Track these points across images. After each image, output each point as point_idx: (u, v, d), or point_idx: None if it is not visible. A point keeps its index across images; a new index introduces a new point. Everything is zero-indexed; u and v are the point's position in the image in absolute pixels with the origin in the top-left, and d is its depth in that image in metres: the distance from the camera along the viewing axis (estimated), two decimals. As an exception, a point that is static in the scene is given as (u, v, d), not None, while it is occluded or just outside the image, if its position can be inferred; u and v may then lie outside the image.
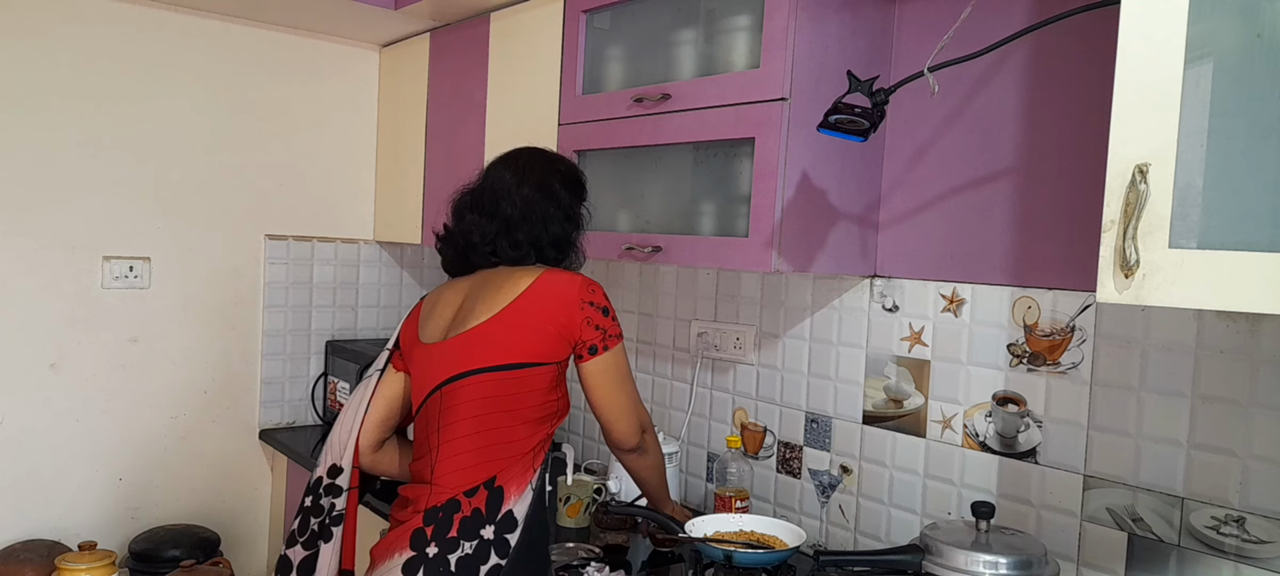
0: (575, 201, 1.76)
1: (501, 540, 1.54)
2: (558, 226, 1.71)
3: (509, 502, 1.56)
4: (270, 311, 3.00)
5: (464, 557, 1.51)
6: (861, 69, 1.76)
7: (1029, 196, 1.68)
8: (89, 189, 2.64)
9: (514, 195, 1.69)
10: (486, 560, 1.52)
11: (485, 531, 1.54)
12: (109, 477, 2.73)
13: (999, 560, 1.43)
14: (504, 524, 1.55)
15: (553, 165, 1.76)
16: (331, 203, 3.10)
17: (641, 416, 1.73)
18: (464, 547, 1.51)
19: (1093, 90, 1.58)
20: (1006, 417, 1.71)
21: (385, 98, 3.13)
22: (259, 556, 3.06)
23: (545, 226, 1.69)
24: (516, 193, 1.69)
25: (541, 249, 1.70)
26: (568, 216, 1.73)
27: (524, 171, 1.73)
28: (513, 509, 1.56)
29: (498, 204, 1.69)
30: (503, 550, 1.54)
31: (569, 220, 1.74)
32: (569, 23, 2.21)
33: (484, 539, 1.53)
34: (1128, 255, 1.03)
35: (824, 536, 2.04)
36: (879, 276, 1.93)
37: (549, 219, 1.70)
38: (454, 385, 1.60)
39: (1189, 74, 1.02)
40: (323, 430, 3.04)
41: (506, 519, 1.55)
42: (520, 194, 1.69)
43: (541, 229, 1.69)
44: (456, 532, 1.53)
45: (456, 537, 1.52)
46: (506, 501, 1.56)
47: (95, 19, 2.62)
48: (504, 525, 1.55)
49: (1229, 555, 1.42)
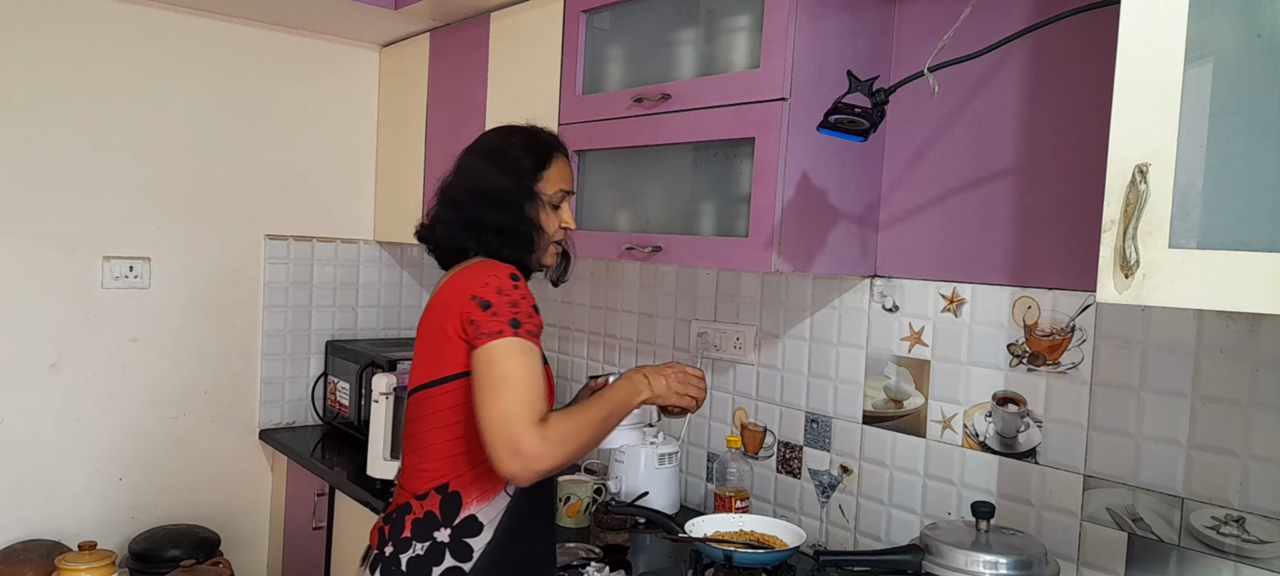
0: (532, 167, 1.55)
1: (461, 543, 1.48)
2: (502, 194, 1.53)
3: (469, 507, 1.49)
4: (270, 311, 3.00)
5: (415, 558, 1.47)
6: (861, 69, 1.76)
7: (1029, 196, 1.68)
8: (89, 189, 2.64)
9: (462, 166, 1.58)
10: (440, 561, 1.47)
11: (439, 533, 1.48)
12: (109, 477, 2.73)
13: (999, 560, 1.43)
14: (464, 527, 1.48)
15: (512, 130, 1.62)
16: (331, 203, 3.10)
17: (515, 430, 1.34)
18: (416, 548, 1.48)
19: (1093, 90, 1.58)
20: (1006, 417, 1.71)
21: (385, 98, 3.13)
22: (259, 556, 3.06)
23: (485, 198, 1.53)
24: (463, 161, 1.58)
25: (481, 230, 1.53)
26: (514, 183, 1.54)
27: (480, 139, 1.62)
28: (476, 513, 1.49)
29: (449, 184, 1.59)
30: (463, 553, 1.48)
31: (515, 189, 1.54)
32: (569, 23, 2.21)
33: (437, 541, 1.47)
34: (1128, 255, 1.03)
35: (824, 536, 2.04)
36: (879, 276, 1.93)
37: (490, 189, 1.53)
38: (409, 397, 1.57)
39: (1189, 74, 1.01)
40: (323, 430, 3.04)
41: (467, 523, 1.48)
42: (464, 161, 1.58)
43: (480, 204, 1.53)
44: (409, 533, 1.49)
45: (409, 538, 1.49)
46: (466, 506, 1.49)
47: (95, 19, 2.62)
48: (464, 529, 1.48)
49: (1229, 555, 1.42)
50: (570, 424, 1.40)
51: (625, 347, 2.58)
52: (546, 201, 1.57)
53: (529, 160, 1.56)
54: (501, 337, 1.38)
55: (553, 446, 1.35)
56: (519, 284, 1.45)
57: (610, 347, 2.62)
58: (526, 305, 1.43)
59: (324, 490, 2.67)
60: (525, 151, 1.57)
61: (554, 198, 1.58)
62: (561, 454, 1.37)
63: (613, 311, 2.62)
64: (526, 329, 1.41)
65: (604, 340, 2.64)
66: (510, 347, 1.38)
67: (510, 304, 1.41)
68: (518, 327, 1.39)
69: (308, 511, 2.75)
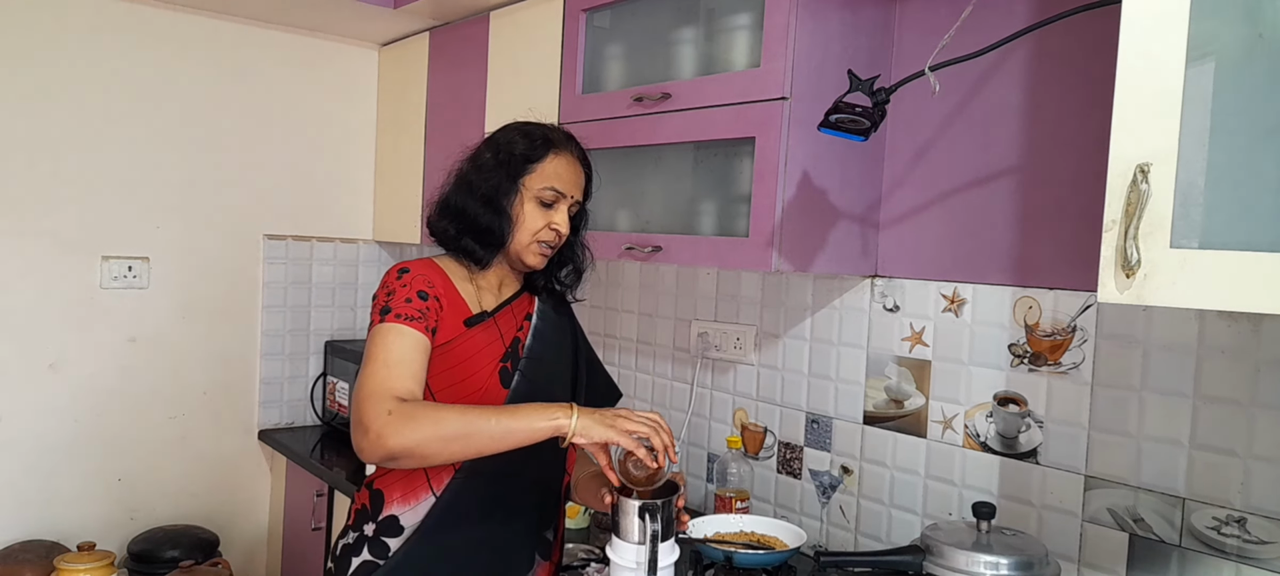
0: (521, 156, 1.50)
1: (379, 542, 1.49)
2: (475, 177, 1.50)
3: (391, 507, 1.50)
4: (269, 311, 3.00)
5: (345, 544, 1.53)
6: (862, 68, 1.75)
7: (1030, 196, 1.68)
8: (88, 189, 2.64)
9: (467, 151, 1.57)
10: (359, 553, 1.50)
11: (367, 527, 1.51)
12: (108, 478, 2.73)
13: (1000, 561, 1.43)
14: (385, 526, 1.50)
15: (525, 121, 1.59)
16: (331, 202, 3.10)
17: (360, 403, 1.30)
18: (350, 535, 1.53)
19: (1094, 89, 1.58)
20: (1007, 418, 1.71)
21: (385, 97, 3.12)
22: (258, 557, 3.06)
23: (460, 180, 1.53)
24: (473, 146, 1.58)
25: (446, 213, 1.53)
26: (492, 167, 1.50)
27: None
28: (398, 514, 1.49)
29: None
30: (379, 550, 1.49)
31: (492, 174, 1.49)
32: (569, 22, 2.20)
33: (364, 533, 1.51)
34: (1129, 255, 1.03)
35: (824, 537, 2.04)
36: (880, 276, 1.93)
37: (468, 170, 1.52)
38: None
39: (1190, 73, 1.01)
40: (322, 430, 3.04)
41: (388, 522, 1.50)
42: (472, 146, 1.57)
43: (455, 187, 1.53)
44: (351, 520, 1.55)
45: (348, 526, 1.55)
46: (388, 505, 1.50)
47: (95, 18, 2.62)
48: (385, 527, 1.50)
49: (1230, 555, 1.41)
50: (426, 409, 1.30)
51: (625, 347, 2.57)
52: (530, 195, 1.49)
53: (520, 147, 1.50)
54: (371, 327, 1.40)
55: (398, 422, 1.26)
56: (405, 279, 1.43)
57: (610, 347, 2.62)
58: (403, 293, 1.41)
59: (323, 490, 2.67)
60: (521, 136, 1.52)
61: (542, 194, 1.49)
62: (408, 434, 1.26)
63: (613, 311, 2.62)
64: (396, 312, 1.39)
65: (604, 340, 2.64)
66: (374, 334, 1.38)
67: (386, 293, 1.42)
68: (386, 314, 1.39)
69: (307, 511, 2.74)
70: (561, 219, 1.52)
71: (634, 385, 2.54)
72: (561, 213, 1.52)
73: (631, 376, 2.55)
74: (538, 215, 1.50)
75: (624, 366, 2.57)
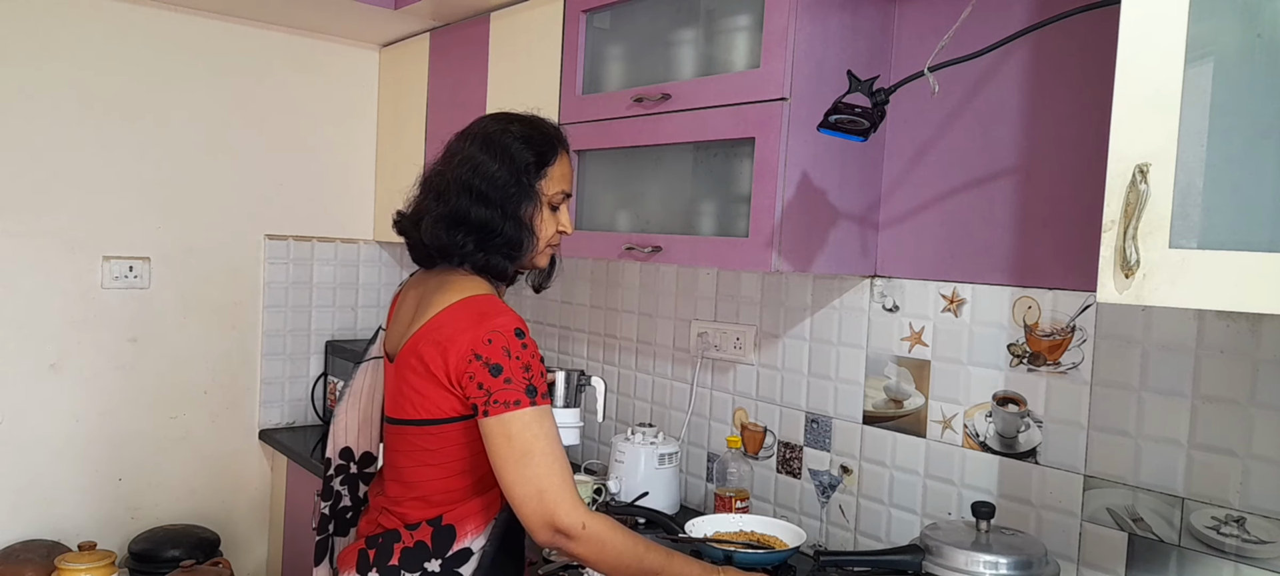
0: (534, 163, 1.41)
1: (453, 574, 1.42)
2: (495, 190, 1.39)
3: (464, 540, 1.42)
4: (270, 311, 3.00)
5: None
6: (861, 69, 1.76)
7: (1029, 196, 1.68)
8: (89, 189, 2.64)
9: (452, 153, 1.44)
10: None
11: (430, 564, 1.41)
12: (109, 478, 2.73)
13: (999, 560, 1.43)
14: (455, 559, 1.42)
15: (512, 118, 1.48)
16: (331, 203, 3.10)
17: (552, 507, 1.30)
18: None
19: (1093, 90, 1.58)
20: (1007, 417, 1.71)
21: (385, 97, 3.13)
22: (258, 556, 3.06)
23: (474, 193, 1.39)
24: (454, 147, 1.44)
25: (464, 229, 1.40)
26: (511, 179, 1.40)
27: (475, 123, 1.48)
28: (469, 545, 1.42)
29: (435, 172, 1.46)
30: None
31: (512, 186, 1.40)
32: (569, 23, 2.21)
33: (427, 571, 1.41)
34: (1128, 255, 1.03)
35: (824, 536, 2.04)
36: (879, 276, 1.93)
37: (481, 183, 1.39)
38: (387, 427, 1.49)
39: (1189, 74, 1.01)
40: (322, 430, 3.04)
41: (459, 554, 1.42)
42: (455, 148, 1.44)
43: (468, 199, 1.39)
44: (397, 561, 1.41)
45: (397, 566, 1.41)
46: (460, 539, 1.42)
47: (94, 18, 2.62)
48: (456, 560, 1.42)
49: (1229, 555, 1.42)
50: (613, 537, 1.35)
51: (625, 348, 2.58)
52: (546, 203, 1.45)
53: (531, 154, 1.42)
54: (520, 409, 1.30)
55: (590, 545, 1.32)
56: (525, 341, 1.35)
57: (610, 348, 2.62)
58: (538, 366, 1.35)
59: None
60: (527, 144, 1.43)
61: (554, 198, 1.46)
62: (594, 558, 1.33)
63: (613, 311, 2.62)
64: (541, 392, 1.34)
65: (604, 340, 2.64)
66: (530, 419, 1.31)
67: (522, 367, 1.32)
68: (534, 395, 1.32)
69: (307, 511, 2.74)
70: (566, 218, 1.52)
71: (634, 385, 2.55)
72: (565, 211, 1.51)
73: (631, 376, 2.55)
74: (549, 221, 1.48)
75: (624, 366, 2.57)
